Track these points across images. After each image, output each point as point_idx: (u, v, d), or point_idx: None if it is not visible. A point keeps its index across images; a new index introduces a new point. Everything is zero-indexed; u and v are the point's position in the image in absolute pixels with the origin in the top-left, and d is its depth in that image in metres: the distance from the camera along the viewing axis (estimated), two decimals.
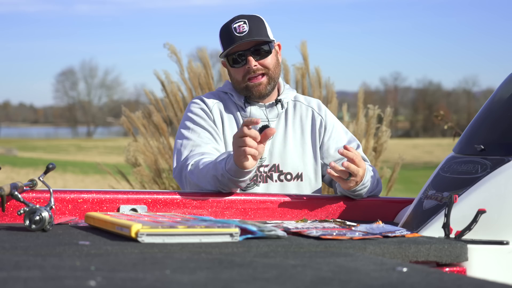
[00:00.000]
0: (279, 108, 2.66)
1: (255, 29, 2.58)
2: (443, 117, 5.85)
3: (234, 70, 2.61)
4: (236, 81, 2.63)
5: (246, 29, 2.56)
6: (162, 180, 5.82)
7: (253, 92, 2.60)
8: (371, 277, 1.36)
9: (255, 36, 2.56)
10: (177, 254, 1.58)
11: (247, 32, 2.56)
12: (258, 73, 2.59)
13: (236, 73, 2.61)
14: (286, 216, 2.42)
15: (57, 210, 2.20)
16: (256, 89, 2.59)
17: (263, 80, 2.60)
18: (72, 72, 68.84)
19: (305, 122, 2.68)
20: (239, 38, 2.55)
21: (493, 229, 1.99)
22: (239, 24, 2.57)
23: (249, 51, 2.58)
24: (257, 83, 2.59)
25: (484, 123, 2.36)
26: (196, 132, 2.57)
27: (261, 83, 2.59)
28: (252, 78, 2.59)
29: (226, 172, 2.29)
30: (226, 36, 2.59)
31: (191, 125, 2.59)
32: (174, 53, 5.81)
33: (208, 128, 2.58)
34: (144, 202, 2.29)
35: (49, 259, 1.46)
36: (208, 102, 2.64)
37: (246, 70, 2.58)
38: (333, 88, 5.75)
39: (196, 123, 2.59)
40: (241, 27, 2.56)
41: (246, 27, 2.56)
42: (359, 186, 2.42)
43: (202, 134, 2.56)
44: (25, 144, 40.13)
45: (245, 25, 2.57)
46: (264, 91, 2.60)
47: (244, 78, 2.59)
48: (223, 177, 2.30)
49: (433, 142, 38.65)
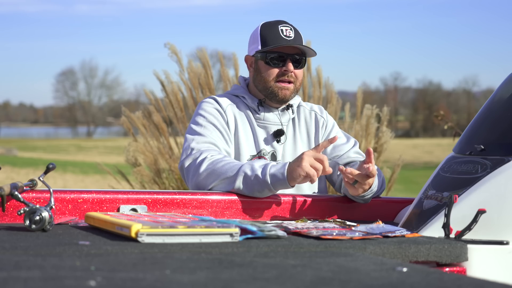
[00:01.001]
0: (290, 113, 2.70)
1: (299, 39, 2.63)
2: (443, 117, 5.85)
3: (267, 68, 2.62)
4: (263, 80, 2.63)
5: (293, 35, 2.61)
6: (162, 180, 5.82)
7: (279, 94, 2.62)
8: (371, 277, 1.36)
9: (299, 44, 2.61)
10: (177, 254, 1.58)
11: (294, 38, 2.61)
12: (289, 79, 2.62)
13: (269, 72, 2.62)
14: (286, 216, 2.42)
15: (57, 210, 2.20)
16: (283, 92, 2.62)
17: (290, 86, 2.63)
18: (72, 72, 68.85)
19: (310, 124, 2.74)
20: (286, 41, 2.59)
21: (493, 229, 1.99)
22: (286, 28, 2.62)
23: (291, 56, 2.61)
24: (285, 86, 2.62)
25: (484, 123, 2.36)
26: (208, 129, 2.56)
27: (289, 89, 2.63)
28: (283, 82, 2.62)
29: (267, 176, 2.31)
30: (272, 34, 2.61)
31: (204, 122, 2.58)
32: (174, 53, 5.81)
33: (219, 128, 2.58)
34: (144, 202, 2.29)
35: (49, 259, 1.46)
36: (222, 103, 2.64)
37: (281, 72, 2.61)
38: (333, 88, 5.75)
39: (209, 121, 2.59)
40: (288, 32, 2.61)
41: (292, 33, 2.62)
42: (367, 192, 2.44)
43: (214, 132, 2.56)
44: (25, 144, 40.14)
45: (291, 31, 2.62)
46: (288, 96, 2.64)
47: (275, 78, 2.61)
48: (257, 178, 2.31)
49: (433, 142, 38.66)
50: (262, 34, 2.63)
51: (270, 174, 2.32)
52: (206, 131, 2.55)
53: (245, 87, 2.72)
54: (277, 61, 2.61)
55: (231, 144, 2.59)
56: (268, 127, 2.65)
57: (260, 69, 2.64)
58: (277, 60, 2.61)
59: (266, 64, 2.62)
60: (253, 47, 2.67)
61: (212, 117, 2.60)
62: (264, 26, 2.65)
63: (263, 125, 2.65)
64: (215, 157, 2.43)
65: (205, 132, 2.55)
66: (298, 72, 2.63)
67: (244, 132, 2.62)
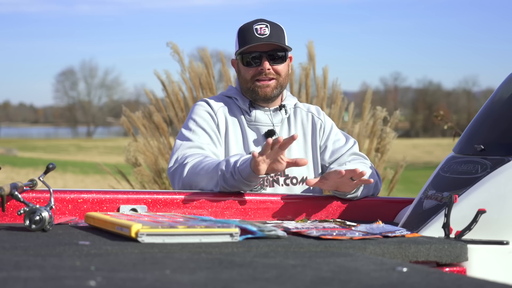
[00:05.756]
0: (283, 113, 2.69)
1: (275, 35, 2.60)
2: (443, 117, 5.85)
3: (245, 69, 2.62)
4: (244, 80, 2.64)
5: (267, 32, 2.59)
6: (162, 180, 5.82)
7: (258, 93, 2.61)
8: (371, 277, 1.36)
9: (274, 40, 2.59)
10: (177, 254, 1.58)
11: (268, 36, 2.59)
12: (268, 77, 2.61)
13: (246, 73, 2.62)
14: (286, 216, 2.42)
15: (57, 210, 2.20)
16: (262, 90, 2.61)
17: (271, 83, 2.61)
18: (72, 72, 68.80)
19: (306, 126, 2.72)
20: (258, 39, 2.58)
21: (493, 229, 1.99)
22: (261, 26, 2.60)
23: (265, 53, 2.60)
24: (264, 84, 2.61)
25: (484, 123, 2.36)
26: (197, 134, 2.57)
27: (269, 85, 2.61)
28: (261, 80, 2.60)
29: (238, 172, 2.30)
30: (246, 34, 2.61)
31: (193, 127, 2.60)
32: (176, 52, 5.80)
33: (209, 132, 2.58)
34: (144, 202, 2.29)
35: (49, 259, 1.46)
36: (213, 105, 2.65)
37: (258, 71, 2.60)
38: (340, 89, 5.74)
39: (199, 125, 2.60)
40: (263, 30, 2.60)
41: (267, 31, 2.59)
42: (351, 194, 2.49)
43: (203, 136, 2.57)
44: (25, 144, 40.12)
45: (266, 29, 2.60)
46: (270, 93, 2.62)
47: (253, 78, 2.61)
48: (232, 175, 2.31)
49: (433, 142, 38.64)
50: (239, 35, 2.64)
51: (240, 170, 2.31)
52: (194, 135, 2.57)
53: (238, 88, 2.71)
54: (253, 61, 2.60)
55: (221, 147, 2.60)
56: (259, 128, 2.64)
57: (240, 70, 2.66)
58: (253, 60, 2.60)
59: (244, 65, 2.62)
60: (235, 50, 2.68)
61: (202, 121, 2.61)
62: (241, 27, 2.66)
63: (254, 126, 2.64)
64: (196, 160, 2.45)
65: (193, 136, 2.56)
66: (278, 67, 2.61)
67: (234, 134, 2.62)
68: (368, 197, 2.57)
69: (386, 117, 5.76)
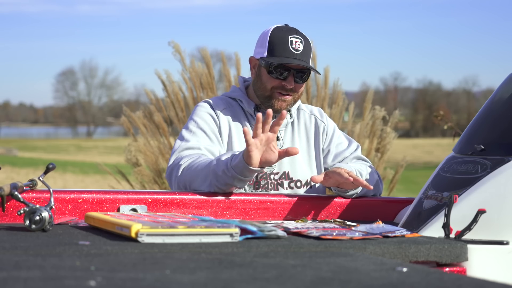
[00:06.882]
0: (288, 117, 2.67)
1: (307, 53, 2.57)
2: (443, 117, 5.85)
3: (267, 77, 2.57)
4: (263, 87, 2.59)
5: (301, 48, 2.55)
6: (162, 180, 5.83)
7: (275, 105, 2.57)
8: (371, 277, 1.36)
9: (307, 60, 2.55)
10: (177, 254, 1.58)
11: (301, 53, 2.54)
12: (288, 93, 2.58)
13: (269, 81, 2.57)
14: (286, 216, 2.42)
15: (57, 210, 2.20)
16: (279, 103, 2.57)
17: (289, 99, 2.59)
18: (72, 72, 68.80)
19: (310, 129, 2.71)
20: (293, 54, 2.53)
21: (493, 229, 1.99)
22: (296, 40, 2.55)
23: (294, 70, 2.56)
24: (283, 98, 2.57)
25: (484, 123, 2.36)
26: (196, 135, 2.56)
27: (286, 100, 2.58)
28: (282, 94, 2.57)
29: (231, 169, 2.29)
30: (281, 44, 2.54)
31: (193, 128, 2.58)
32: (178, 51, 5.80)
33: (209, 133, 2.56)
34: (144, 202, 2.29)
35: (49, 259, 1.46)
36: (216, 108, 2.62)
37: (281, 85, 2.56)
38: (341, 89, 5.73)
39: (199, 127, 2.58)
40: (297, 44, 2.54)
41: (301, 46, 2.55)
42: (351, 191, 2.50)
43: (202, 138, 2.55)
44: (25, 144, 40.13)
45: (301, 44, 2.55)
46: (284, 108, 2.59)
47: (273, 88, 2.57)
48: (225, 173, 2.30)
49: (433, 142, 38.65)
50: (270, 40, 2.57)
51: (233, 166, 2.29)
52: (193, 137, 2.55)
53: (243, 90, 2.69)
54: (279, 73, 2.55)
55: (222, 148, 2.57)
56: None
57: (261, 75, 2.59)
58: (280, 72, 2.55)
59: (268, 73, 2.57)
60: (259, 51, 2.61)
61: (203, 122, 2.58)
62: (274, 32, 2.58)
63: None
64: (190, 160, 2.44)
65: (192, 138, 2.54)
66: (299, 87, 2.59)
67: (238, 137, 2.60)
68: (368, 197, 2.57)
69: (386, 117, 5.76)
